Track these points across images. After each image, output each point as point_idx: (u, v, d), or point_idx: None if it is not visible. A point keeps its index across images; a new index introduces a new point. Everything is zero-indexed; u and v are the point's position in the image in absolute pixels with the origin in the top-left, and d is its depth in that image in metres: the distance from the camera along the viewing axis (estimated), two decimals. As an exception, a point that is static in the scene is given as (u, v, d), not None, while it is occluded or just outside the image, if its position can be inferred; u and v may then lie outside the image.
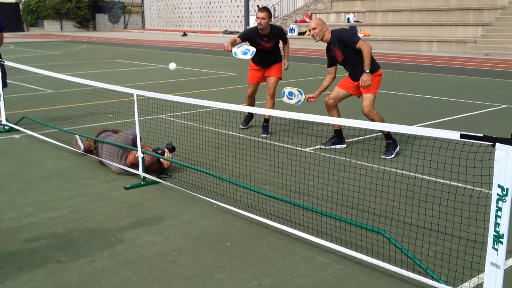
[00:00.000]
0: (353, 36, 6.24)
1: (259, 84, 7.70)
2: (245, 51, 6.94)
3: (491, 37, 21.86)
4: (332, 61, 6.51)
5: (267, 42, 7.29)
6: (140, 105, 5.46)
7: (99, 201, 4.93)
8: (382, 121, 6.18)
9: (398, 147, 6.27)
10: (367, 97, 6.19)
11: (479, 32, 22.53)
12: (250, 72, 7.64)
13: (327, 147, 6.60)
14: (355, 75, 6.32)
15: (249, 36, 7.35)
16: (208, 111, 8.47)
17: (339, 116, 6.50)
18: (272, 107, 7.44)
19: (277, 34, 7.38)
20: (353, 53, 6.18)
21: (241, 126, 7.75)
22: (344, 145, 6.65)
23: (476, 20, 23.17)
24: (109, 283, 3.42)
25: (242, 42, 7.28)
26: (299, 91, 6.76)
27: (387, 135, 6.25)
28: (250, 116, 7.88)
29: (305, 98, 6.63)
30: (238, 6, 39.75)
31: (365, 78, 6.09)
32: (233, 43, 7.02)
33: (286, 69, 7.59)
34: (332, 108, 6.54)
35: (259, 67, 7.54)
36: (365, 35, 25.66)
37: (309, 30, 6.37)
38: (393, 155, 6.15)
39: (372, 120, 6.17)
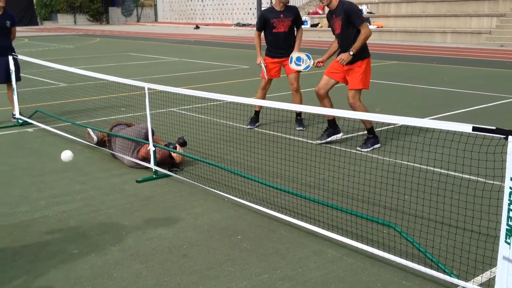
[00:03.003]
0: (360, 15, 6.04)
1: (272, 79, 7.38)
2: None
3: (506, 28, 21.57)
4: (333, 30, 6.30)
5: (283, 20, 7.02)
6: (152, 98, 5.47)
7: (111, 194, 4.96)
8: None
9: (379, 144, 6.20)
10: (351, 90, 6.11)
11: (494, 22, 22.24)
12: (266, 66, 7.28)
13: (322, 142, 6.42)
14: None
15: (264, 18, 7.14)
16: (220, 104, 8.46)
17: (331, 105, 6.36)
18: (301, 102, 7.18)
19: (293, 11, 7.09)
20: (352, 32, 5.98)
21: (247, 127, 7.39)
22: (341, 134, 6.49)
23: (491, 11, 22.87)
24: (121, 276, 3.44)
25: (260, 31, 7.22)
26: (307, 55, 6.53)
27: (369, 130, 6.19)
28: (257, 117, 7.51)
29: (313, 63, 6.46)
30: (250, -2, 39.60)
31: (344, 57, 5.96)
32: (260, 48, 7.23)
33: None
34: (324, 98, 6.34)
35: (275, 59, 7.21)
36: (378, 27, 25.49)
37: None
38: (369, 149, 6.11)
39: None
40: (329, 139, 6.44)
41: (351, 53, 5.94)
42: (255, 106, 7.32)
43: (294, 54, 6.63)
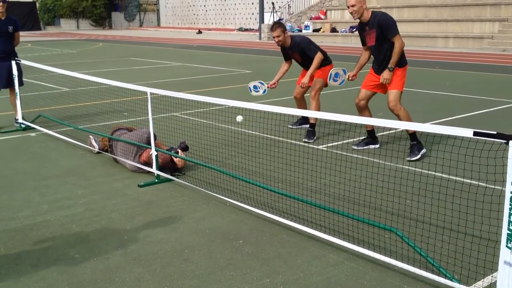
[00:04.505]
0: (394, 26, 5.97)
1: (306, 89, 7.42)
2: (255, 88, 7.14)
3: (508, 33, 21.59)
4: (364, 42, 6.28)
5: (292, 53, 7.24)
6: (154, 103, 5.49)
7: (113, 198, 4.98)
8: (408, 117, 6.02)
9: (424, 149, 6.04)
10: (392, 92, 6.04)
11: (496, 27, 22.27)
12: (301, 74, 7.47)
13: (359, 148, 6.42)
14: (380, 67, 6.12)
15: (282, 51, 7.46)
16: (222, 108, 8.49)
17: (370, 116, 6.31)
18: (316, 109, 7.12)
19: (297, 49, 7.12)
20: (386, 43, 5.97)
21: (289, 126, 7.61)
22: (377, 145, 6.49)
23: (493, 16, 22.90)
24: (122, 280, 3.45)
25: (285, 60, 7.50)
26: (343, 70, 6.64)
27: (412, 135, 6.04)
28: (303, 118, 7.64)
29: (347, 77, 6.56)
30: (252, 3, 39.73)
31: (386, 76, 5.97)
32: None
33: (302, 86, 7.23)
34: (363, 109, 6.36)
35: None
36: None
37: (348, 7, 5.99)
38: (418, 157, 5.93)
39: (398, 115, 6.01)
40: (366, 147, 6.48)
41: (391, 69, 5.95)
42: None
43: (333, 71, 6.71)
